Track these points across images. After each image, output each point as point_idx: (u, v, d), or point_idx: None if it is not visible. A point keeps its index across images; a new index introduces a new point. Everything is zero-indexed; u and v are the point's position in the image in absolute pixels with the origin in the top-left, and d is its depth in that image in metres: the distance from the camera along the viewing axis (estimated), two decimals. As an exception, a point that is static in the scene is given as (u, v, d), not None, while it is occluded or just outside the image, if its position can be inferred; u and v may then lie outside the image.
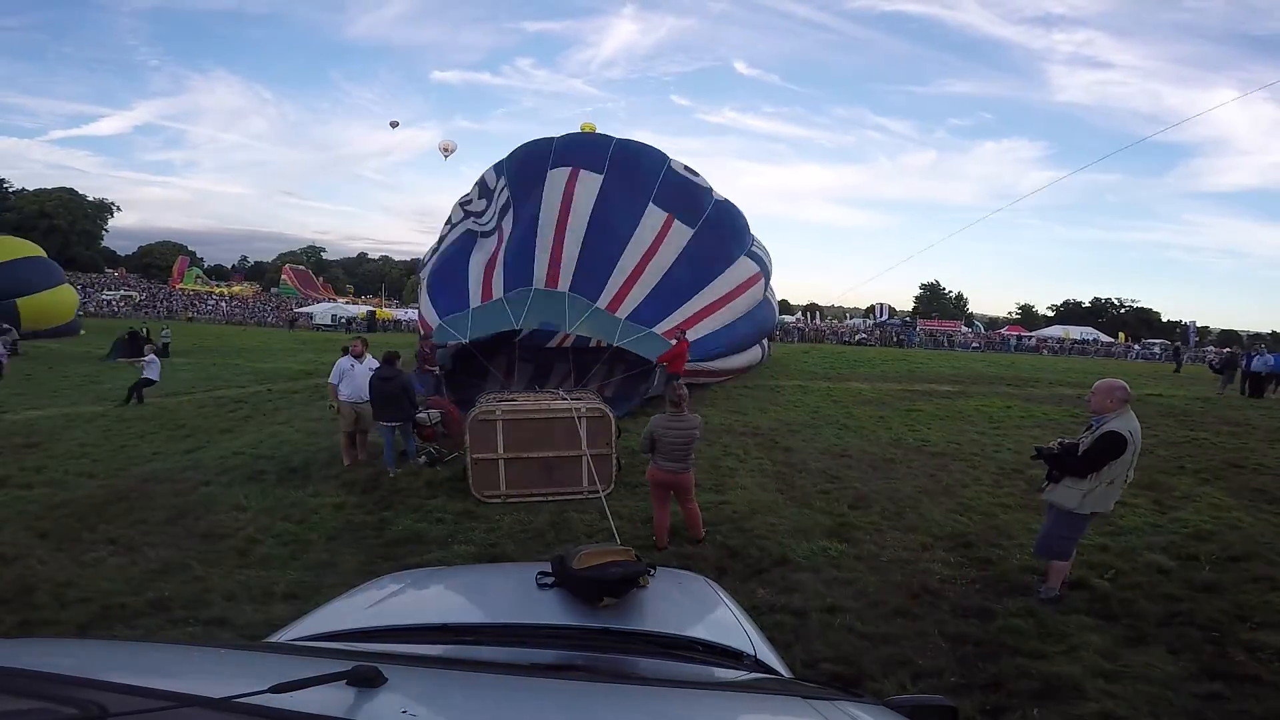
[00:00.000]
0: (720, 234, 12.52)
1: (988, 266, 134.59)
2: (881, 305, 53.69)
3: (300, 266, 68.53)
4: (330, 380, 7.31)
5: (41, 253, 24.22)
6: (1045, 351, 38.88)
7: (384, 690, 0.88)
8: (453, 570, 3.42)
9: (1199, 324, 53.53)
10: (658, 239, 11.58)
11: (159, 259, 65.77)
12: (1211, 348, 45.14)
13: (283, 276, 63.59)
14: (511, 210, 12.26)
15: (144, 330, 20.31)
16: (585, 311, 10.53)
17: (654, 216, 11.72)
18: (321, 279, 67.24)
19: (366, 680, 0.87)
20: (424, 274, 13.60)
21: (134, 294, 46.17)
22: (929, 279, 69.03)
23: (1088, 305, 64.09)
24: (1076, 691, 3.17)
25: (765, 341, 17.21)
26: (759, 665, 1.56)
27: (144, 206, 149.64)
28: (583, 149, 12.26)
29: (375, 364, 7.10)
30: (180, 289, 52.26)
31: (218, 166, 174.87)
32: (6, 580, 4.25)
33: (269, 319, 43.11)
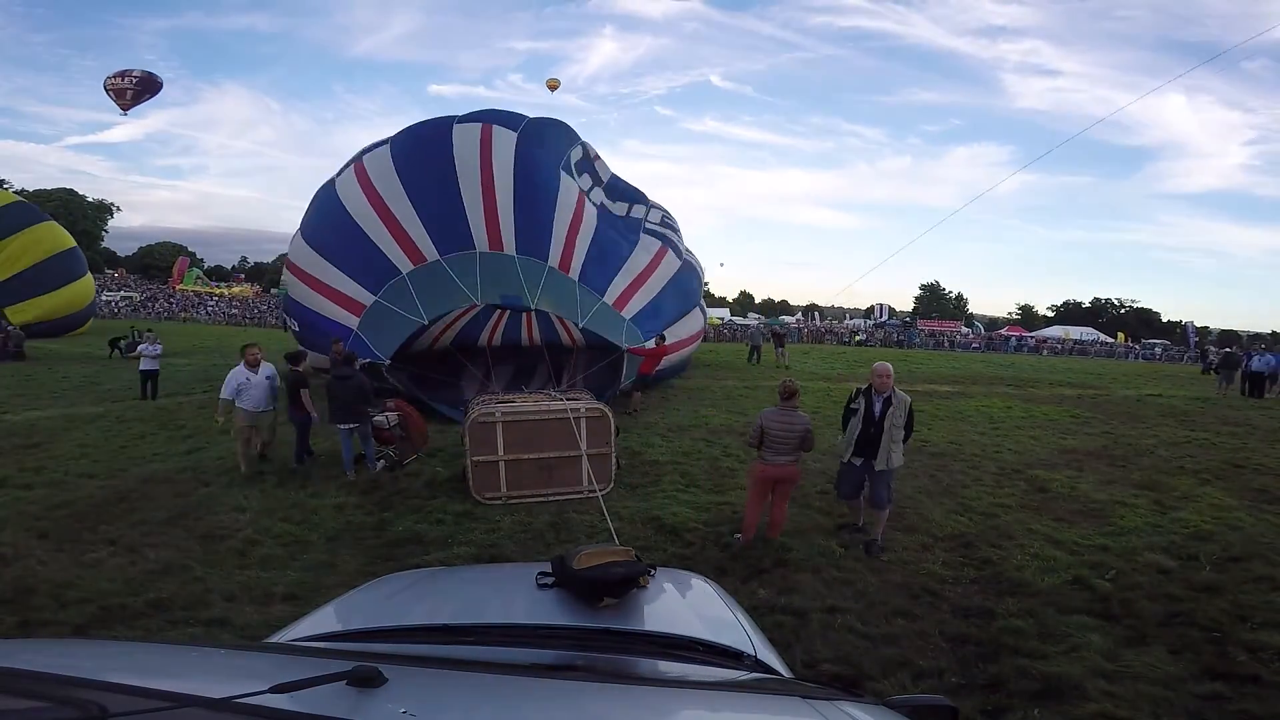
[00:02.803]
0: (622, 211, 12.08)
1: (987, 267, 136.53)
2: (881, 306, 53.74)
3: (300, 267, 68.35)
4: (223, 395, 6.86)
5: (70, 242, 22.19)
6: (1045, 352, 38.88)
7: (384, 690, 0.88)
8: (453, 570, 3.42)
9: (1197, 324, 53.46)
10: (579, 203, 10.97)
11: (159, 259, 65.71)
12: (1212, 347, 45.10)
13: (283, 277, 63.45)
14: (403, 160, 10.63)
15: (133, 332, 20.16)
16: (541, 276, 9.75)
17: (568, 182, 11.13)
18: (321, 279, 67.05)
19: (366, 680, 0.87)
20: (301, 237, 11.60)
21: (134, 294, 46.16)
22: (929, 279, 69.16)
23: (1088, 305, 64.12)
24: (1077, 691, 3.17)
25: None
26: (759, 665, 1.56)
27: (150, 209, 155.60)
28: (492, 112, 11.32)
29: (271, 371, 7.02)
30: (180, 290, 52.23)
31: (226, 171, 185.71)
32: (6, 580, 4.24)
33: (271, 320, 43.06)
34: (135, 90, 29.77)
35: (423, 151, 10.59)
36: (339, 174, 11.46)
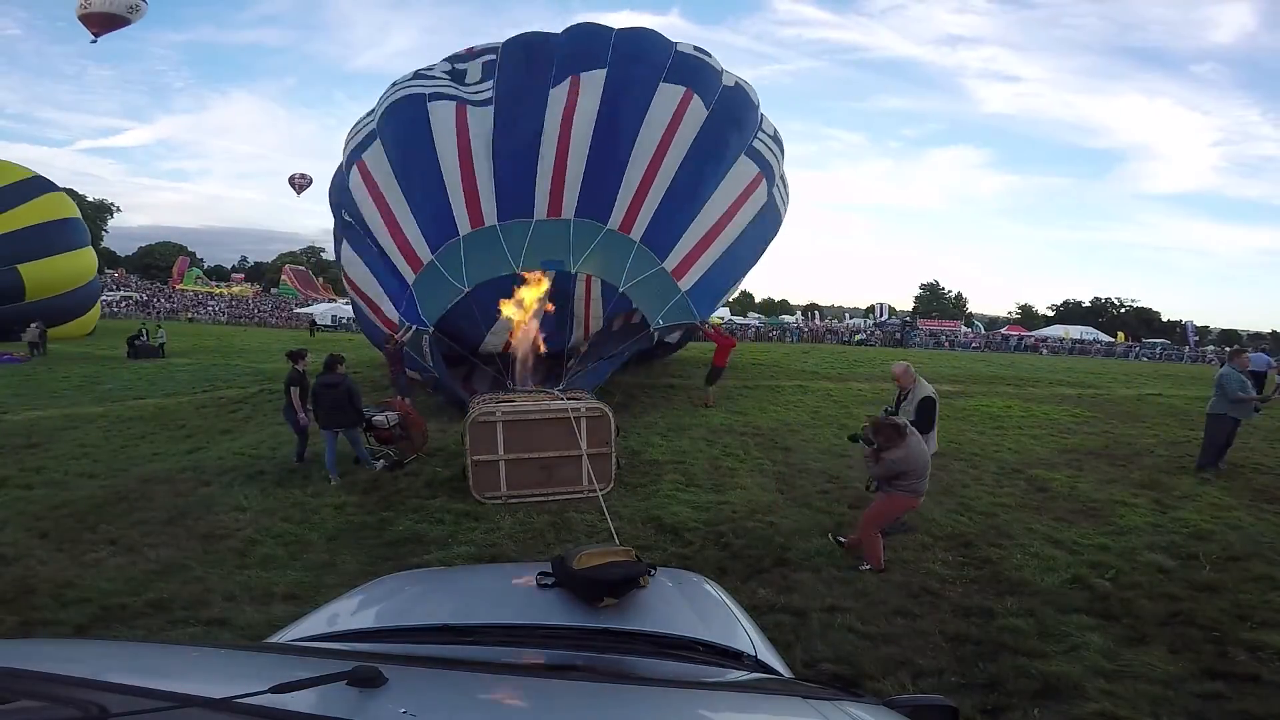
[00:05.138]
0: (730, 119, 10.79)
1: (987, 266, 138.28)
2: (881, 305, 53.75)
3: (300, 267, 68.46)
4: None
5: (75, 213, 21.51)
6: (1045, 351, 38.87)
7: (384, 690, 0.88)
8: (453, 570, 3.42)
9: (1196, 323, 53.44)
10: (675, 119, 10.10)
11: (159, 259, 65.75)
12: (1212, 347, 45.09)
13: (283, 277, 63.59)
14: (501, 95, 10.14)
15: (142, 331, 20.28)
16: (594, 239, 9.46)
17: (669, 94, 10.17)
18: (321, 279, 67.23)
19: (367, 680, 0.87)
20: (360, 153, 10.67)
21: (133, 294, 46.18)
22: (929, 279, 69.33)
23: (1088, 305, 64.13)
24: (1077, 691, 3.17)
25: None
26: (759, 665, 1.56)
27: (153, 210, 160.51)
28: (582, 51, 10.43)
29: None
30: (180, 289, 52.29)
31: (231, 174, 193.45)
32: (6, 580, 4.25)
33: (271, 320, 43.09)
34: (308, 185, 44.52)
35: (521, 108, 10.06)
36: (433, 93, 10.47)
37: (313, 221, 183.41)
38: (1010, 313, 69.64)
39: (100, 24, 25.16)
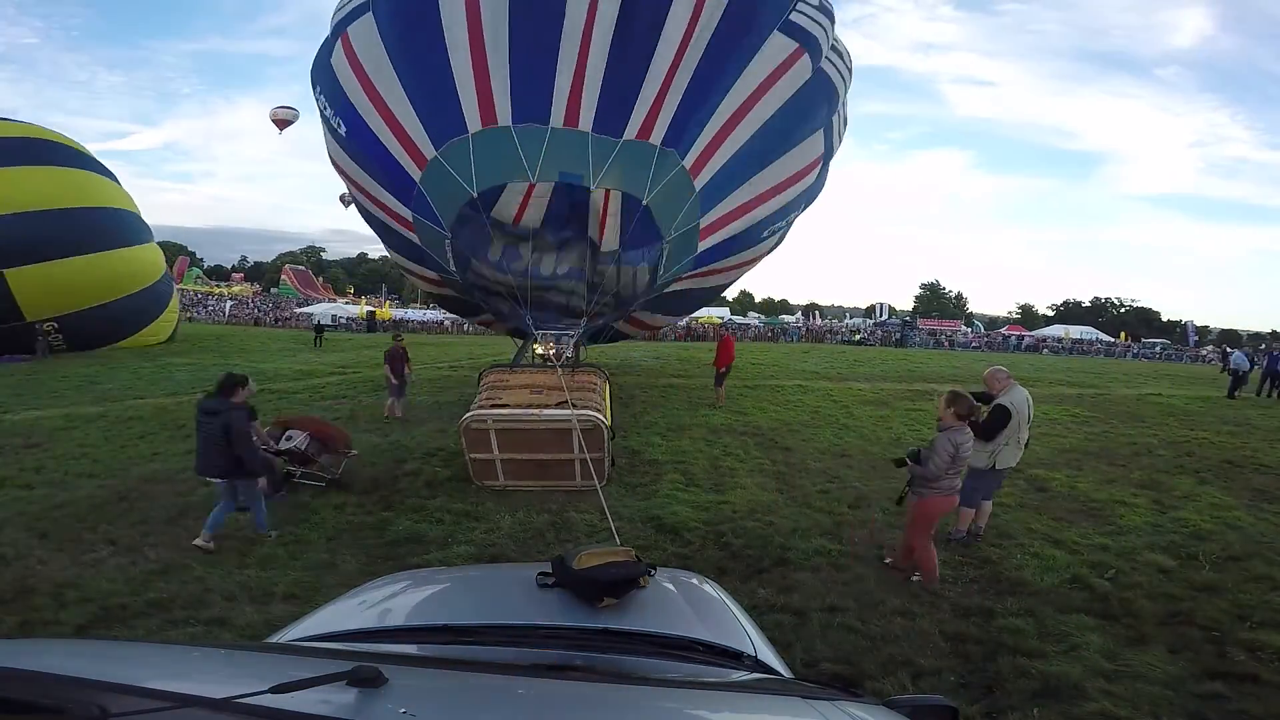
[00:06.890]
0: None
1: (988, 266, 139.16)
2: (881, 305, 53.83)
3: (300, 266, 68.48)
4: None
5: (128, 205, 18.45)
6: (1045, 351, 38.89)
7: (384, 690, 0.88)
8: (453, 570, 3.42)
9: (1197, 323, 53.42)
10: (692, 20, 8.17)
11: (159, 259, 65.72)
12: (1211, 347, 45.15)
13: (283, 277, 63.61)
14: None
15: None
16: (611, 152, 8.10)
17: None
18: (322, 279, 67.23)
19: (367, 680, 0.87)
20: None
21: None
22: (929, 279, 69.41)
23: (1088, 305, 64.19)
24: (1077, 691, 3.17)
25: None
26: (759, 665, 1.56)
27: (159, 211, 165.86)
28: None
29: None
30: (180, 289, 52.29)
31: (235, 176, 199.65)
32: (6, 580, 4.25)
33: (271, 320, 43.05)
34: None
35: None
36: None
37: (314, 221, 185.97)
38: (1010, 313, 69.79)
39: (281, 124, 38.68)
